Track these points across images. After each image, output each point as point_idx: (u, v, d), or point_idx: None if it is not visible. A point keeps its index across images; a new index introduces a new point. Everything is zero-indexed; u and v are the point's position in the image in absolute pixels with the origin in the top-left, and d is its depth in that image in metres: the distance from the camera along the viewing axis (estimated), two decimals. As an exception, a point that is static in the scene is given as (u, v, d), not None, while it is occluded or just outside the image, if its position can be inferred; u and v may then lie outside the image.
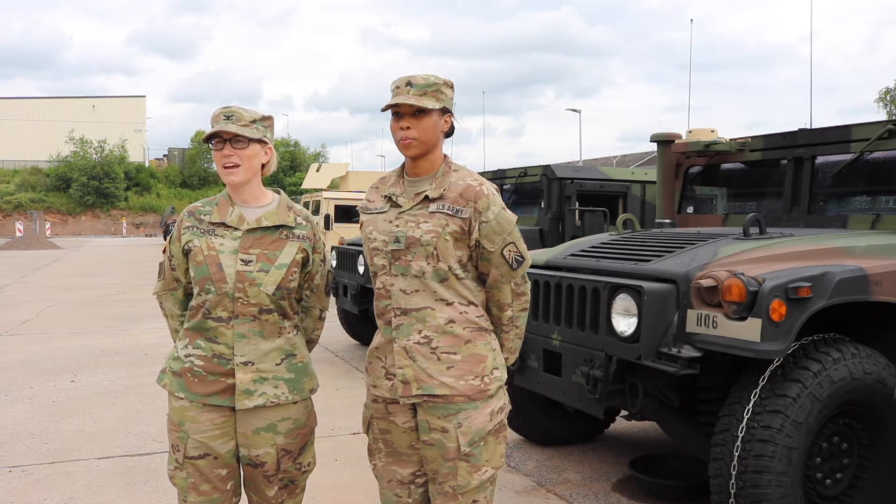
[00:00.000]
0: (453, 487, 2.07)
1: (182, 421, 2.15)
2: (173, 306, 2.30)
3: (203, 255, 2.12)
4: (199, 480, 2.16)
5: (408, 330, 2.08)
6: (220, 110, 2.14)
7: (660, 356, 2.99)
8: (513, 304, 2.15)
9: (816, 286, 2.84)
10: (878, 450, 3.09)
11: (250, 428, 2.16)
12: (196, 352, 2.15)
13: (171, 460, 2.20)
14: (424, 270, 2.05)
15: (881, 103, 33.68)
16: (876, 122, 3.88)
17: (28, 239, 30.97)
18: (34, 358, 7.14)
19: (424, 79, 2.07)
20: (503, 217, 2.08)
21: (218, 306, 2.12)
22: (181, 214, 2.27)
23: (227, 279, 2.10)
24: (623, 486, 3.89)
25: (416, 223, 2.07)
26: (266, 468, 2.19)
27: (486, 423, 2.07)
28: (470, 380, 2.05)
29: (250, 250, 2.14)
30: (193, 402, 2.14)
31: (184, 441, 2.14)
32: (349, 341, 8.19)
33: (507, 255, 2.08)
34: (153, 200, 52.37)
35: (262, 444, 2.16)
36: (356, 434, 4.71)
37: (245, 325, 2.13)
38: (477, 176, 2.12)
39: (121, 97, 62.82)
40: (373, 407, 2.22)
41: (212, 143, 2.14)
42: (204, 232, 2.16)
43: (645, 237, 3.94)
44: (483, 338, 2.11)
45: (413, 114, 2.05)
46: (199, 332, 2.16)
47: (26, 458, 4.20)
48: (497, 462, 2.12)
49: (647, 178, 7.64)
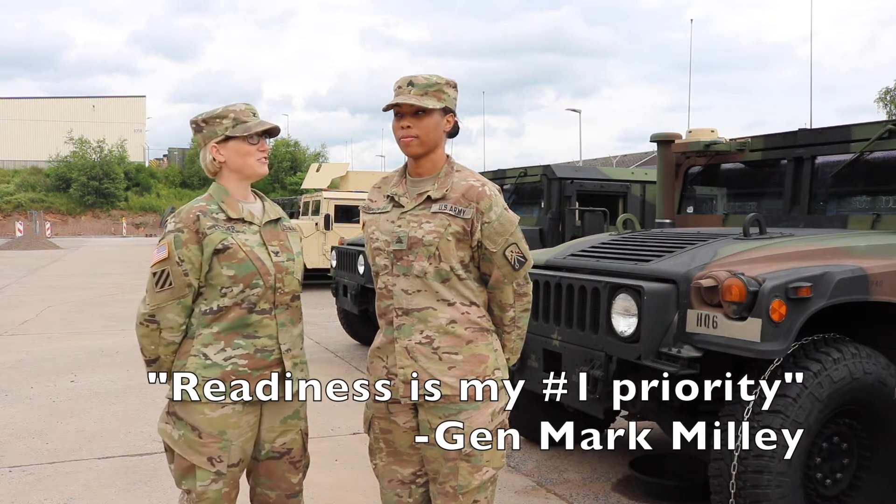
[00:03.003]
0: (454, 487, 2.07)
1: (224, 429, 2.09)
2: (177, 316, 2.12)
3: (244, 251, 2.12)
4: (231, 488, 2.16)
5: (409, 330, 2.08)
6: (245, 106, 2.22)
7: (660, 356, 3.00)
8: (515, 305, 2.15)
9: (816, 286, 2.84)
10: (878, 450, 3.09)
11: (279, 418, 2.21)
12: (237, 352, 2.12)
13: (204, 476, 2.10)
14: (426, 271, 2.05)
15: (881, 103, 33.67)
16: (876, 122, 3.88)
17: (28, 239, 30.96)
18: (34, 358, 7.14)
19: (426, 79, 2.08)
20: (505, 218, 2.08)
21: (262, 299, 2.15)
22: (190, 216, 2.13)
23: (270, 271, 2.15)
24: (623, 486, 3.89)
25: (418, 223, 2.07)
26: (293, 454, 2.25)
27: (488, 423, 2.07)
28: (472, 380, 2.06)
29: (272, 242, 2.21)
30: (235, 406, 2.10)
31: (227, 450, 2.11)
32: (349, 341, 8.19)
33: (510, 256, 2.08)
34: (153, 200, 52.36)
35: (289, 432, 2.23)
36: (356, 434, 4.71)
37: (283, 314, 2.20)
38: (479, 176, 2.13)
39: (121, 97, 62.81)
40: (374, 406, 2.22)
41: (250, 139, 2.20)
42: (228, 229, 2.14)
43: (645, 237, 3.95)
44: (485, 338, 2.11)
45: (414, 113, 2.05)
46: (236, 332, 2.13)
47: (26, 458, 4.20)
48: (498, 462, 2.12)
49: (647, 178, 7.64)
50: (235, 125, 2.18)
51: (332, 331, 8.93)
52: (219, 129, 2.19)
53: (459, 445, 2.05)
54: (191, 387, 2.10)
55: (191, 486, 2.13)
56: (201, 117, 2.22)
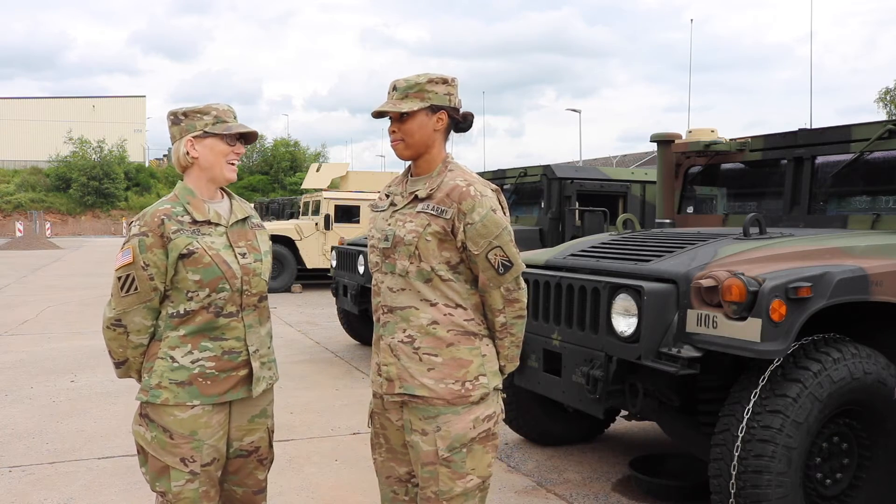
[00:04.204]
0: (435, 493, 2.04)
1: (195, 430, 2.10)
2: (143, 319, 2.11)
3: (210, 256, 2.10)
4: (209, 487, 2.16)
5: (393, 328, 2.09)
6: (226, 107, 2.24)
7: (660, 356, 2.99)
8: (504, 311, 2.10)
9: (816, 286, 2.84)
10: (878, 450, 3.09)
11: (246, 418, 2.22)
12: (204, 355, 2.12)
13: (178, 476, 2.10)
14: (408, 270, 2.06)
15: (881, 103, 33.65)
16: (876, 122, 3.88)
17: (28, 239, 30.93)
18: (34, 358, 7.14)
19: (407, 81, 2.08)
20: (490, 219, 2.03)
21: (229, 303, 2.15)
22: (155, 220, 2.09)
23: (236, 274, 2.15)
24: (623, 486, 3.89)
25: (402, 222, 2.08)
26: (261, 452, 2.26)
27: (469, 430, 2.03)
28: (450, 384, 2.03)
29: (239, 243, 2.19)
30: (207, 405, 2.12)
31: (199, 450, 2.11)
32: (349, 341, 8.19)
33: (493, 259, 2.04)
34: (153, 200, 51.13)
35: (256, 430, 2.24)
36: (356, 434, 4.71)
37: (251, 316, 2.20)
38: (469, 176, 2.09)
39: (121, 97, 62.78)
40: (374, 402, 2.23)
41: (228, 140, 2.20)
42: (193, 233, 2.12)
43: (645, 237, 3.94)
44: (469, 342, 2.07)
45: (398, 117, 2.08)
46: (203, 334, 2.13)
47: (26, 458, 4.20)
48: (484, 471, 2.08)
49: (647, 178, 7.64)
50: (216, 123, 2.17)
51: (332, 331, 8.93)
52: (198, 123, 2.17)
53: (436, 449, 2.03)
54: (158, 389, 2.10)
55: (165, 487, 2.11)
56: (182, 110, 2.20)
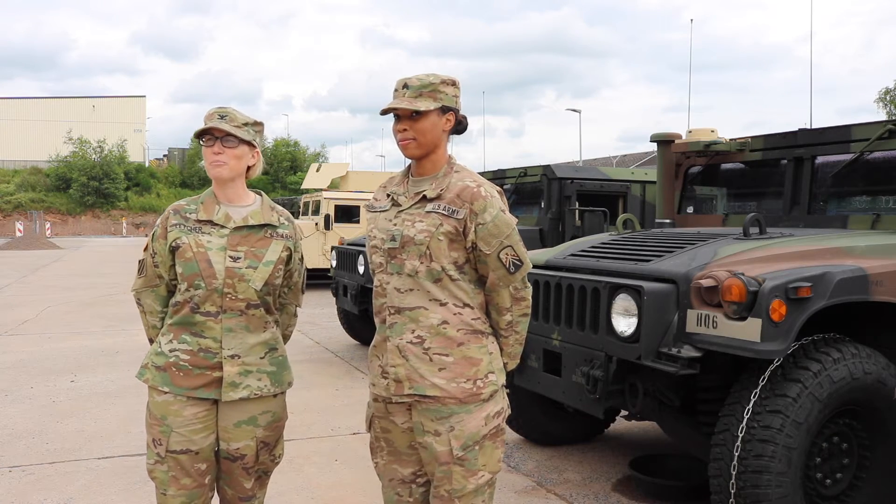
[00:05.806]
0: (448, 492, 2.06)
1: (165, 415, 2.20)
2: (153, 303, 2.32)
3: (192, 252, 2.19)
4: (179, 474, 2.21)
5: (401, 329, 2.08)
6: (214, 109, 2.24)
7: (660, 356, 2.99)
8: (512, 309, 2.12)
9: (816, 286, 2.84)
10: (878, 450, 3.09)
11: (231, 421, 2.23)
12: (181, 346, 2.20)
13: (151, 455, 2.23)
14: (417, 270, 2.05)
15: (881, 103, 33.65)
16: (876, 122, 3.88)
17: (28, 239, 30.93)
18: (34, 358, 7.14)
19: (420, 79, 2.07)
20: (501, 220, 2.05)
21: (207, 301, 2.19)
22: (165, 212, 2.31)
23: (217, 275, 2.18)
24: (623, 486, 3.89)
25: (411, 222, 2.07)
26: (246, 460, 2.27)
27: (481, 428, 2.05)
28: (462, 382, 2.04)
29: (238, 247, 2.22)
30: (178, 396, 2.19)
31: (166, 435, 2.19)
32: (349, 341, 8.19)
33: (504, 259, 2.06)
34: (153, 200, 52.29)
35: (242, 437, 2.24)
36: (356, 434, 4.71)
37: (233, 320, 2.21)
38: (477, 177, 2.11)
39: (121, 97, 62.73)
40: (374, 405, 2.22)
41: (203, 140, 2.22)
42: (191, 229, 2.23)
43: (645, 237, 3.94)
44: (478, 341, 2.08)
45: (410, 116, 2.05)
46: (185, 328, 2.22)
47: (26, 458, 4.20)
48: (494, 466, 2.10)
49: (647, 178, 7.64)
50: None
51: (332, 331, 8.94)
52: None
53: (451, 449, 2.03)
54: (145, 369, 2.27)
55: (147, 458, 2.26)
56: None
